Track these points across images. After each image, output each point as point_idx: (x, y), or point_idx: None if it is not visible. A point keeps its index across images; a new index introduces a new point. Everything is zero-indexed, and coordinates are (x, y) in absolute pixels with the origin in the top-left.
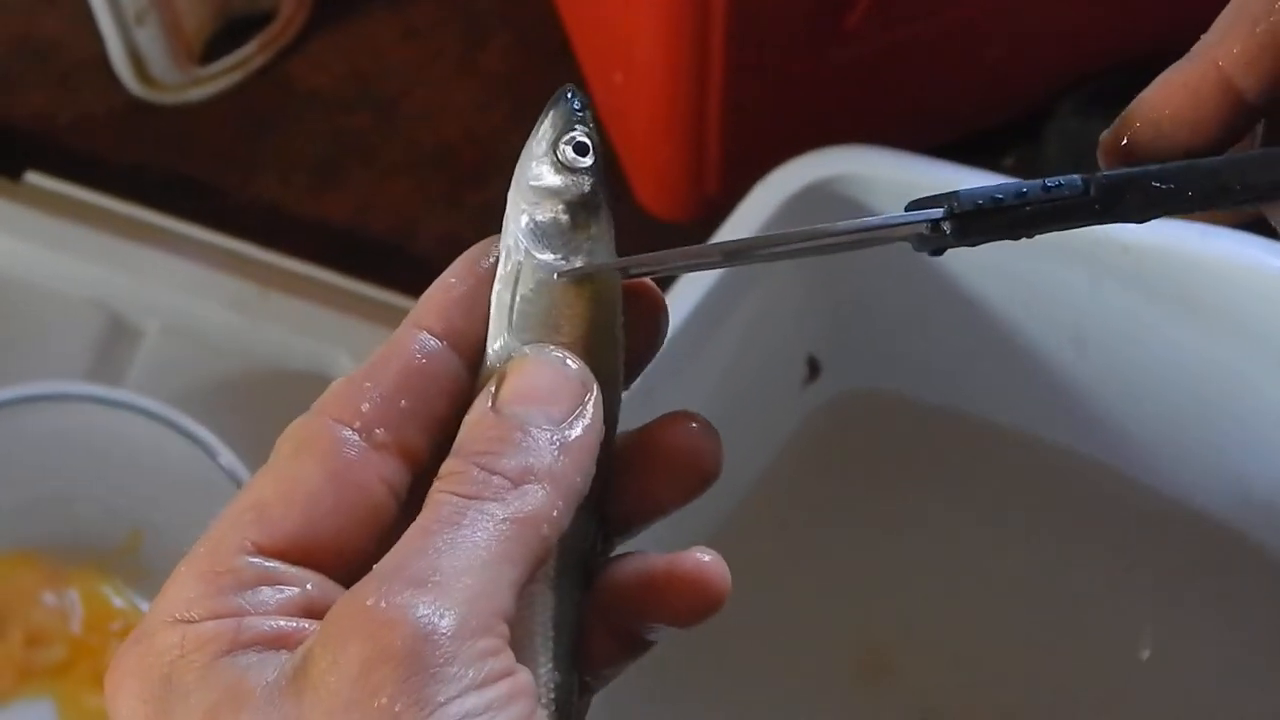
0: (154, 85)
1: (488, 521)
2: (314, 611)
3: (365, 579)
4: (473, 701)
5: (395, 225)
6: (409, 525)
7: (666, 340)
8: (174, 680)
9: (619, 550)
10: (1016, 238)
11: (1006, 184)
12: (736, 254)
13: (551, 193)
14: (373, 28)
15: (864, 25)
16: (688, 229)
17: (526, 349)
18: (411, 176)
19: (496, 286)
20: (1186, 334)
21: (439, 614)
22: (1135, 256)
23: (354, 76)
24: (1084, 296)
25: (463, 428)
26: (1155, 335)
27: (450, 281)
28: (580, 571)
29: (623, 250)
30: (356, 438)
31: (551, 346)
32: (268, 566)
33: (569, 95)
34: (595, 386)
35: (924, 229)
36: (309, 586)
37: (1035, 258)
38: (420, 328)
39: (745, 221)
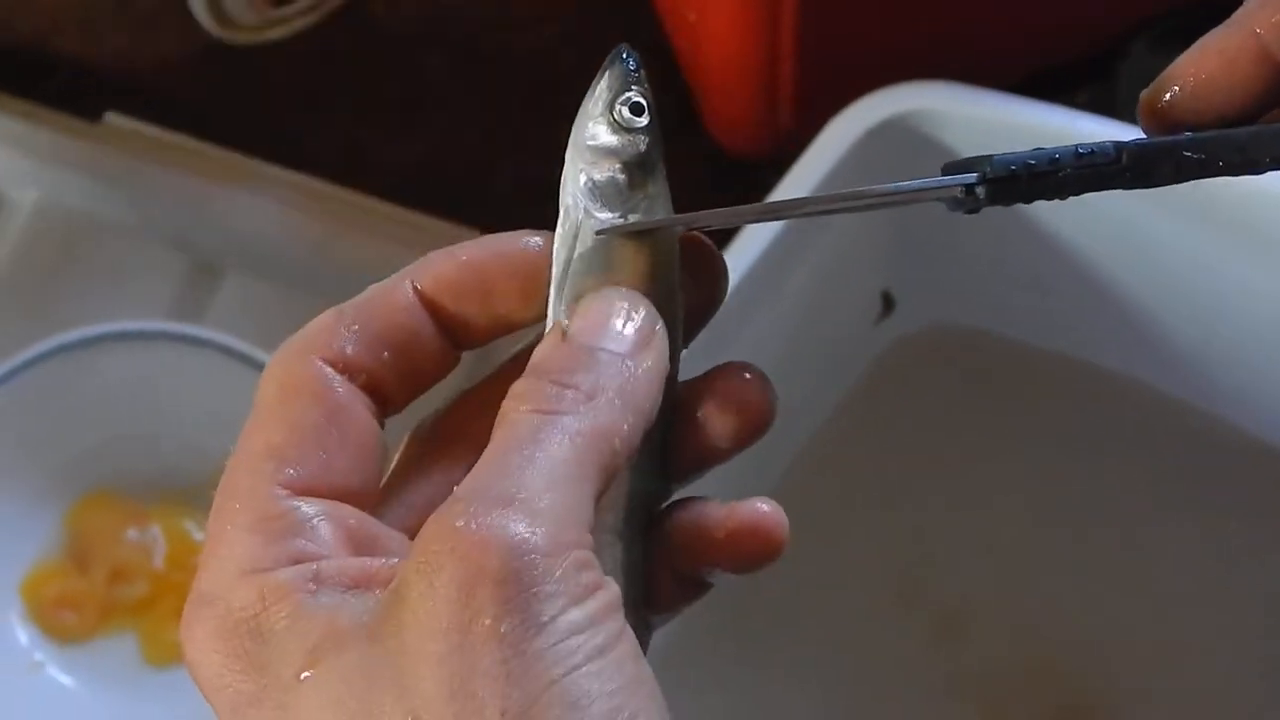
0: (232, 26)
1: (563, 436)
2: (362, 542)
3: (448, 501)
4: (576, 615)
5: (472, 165)
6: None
7: (742, 277)
8: (263, 632)
9: (678, 495)
10: (1052, 199)
11: (1039, 150)
12: (780, 213)
13: (608, 152)
14: None
15: None
16: (761, 164)
17: (605, 289)
18: (488, 117)
19: (555, 245)
20: (1262, 270)
21: (530, 530)
22: (1212, 195)
23: (431, 16)
24: (1160, 233)
25: (535, 354)
26: (1231, 269)
27: (460, 259)
28: (645, 516)
29: (695, 189)
30: (341, 378)
31: (624, 289)
32: (308, 506)
33: (624, 55)
34: (661, 325)
35: (958, 192)
36: (351, 521)
37: (1111, 193)
38: (413, 286)
39: (819, 158)
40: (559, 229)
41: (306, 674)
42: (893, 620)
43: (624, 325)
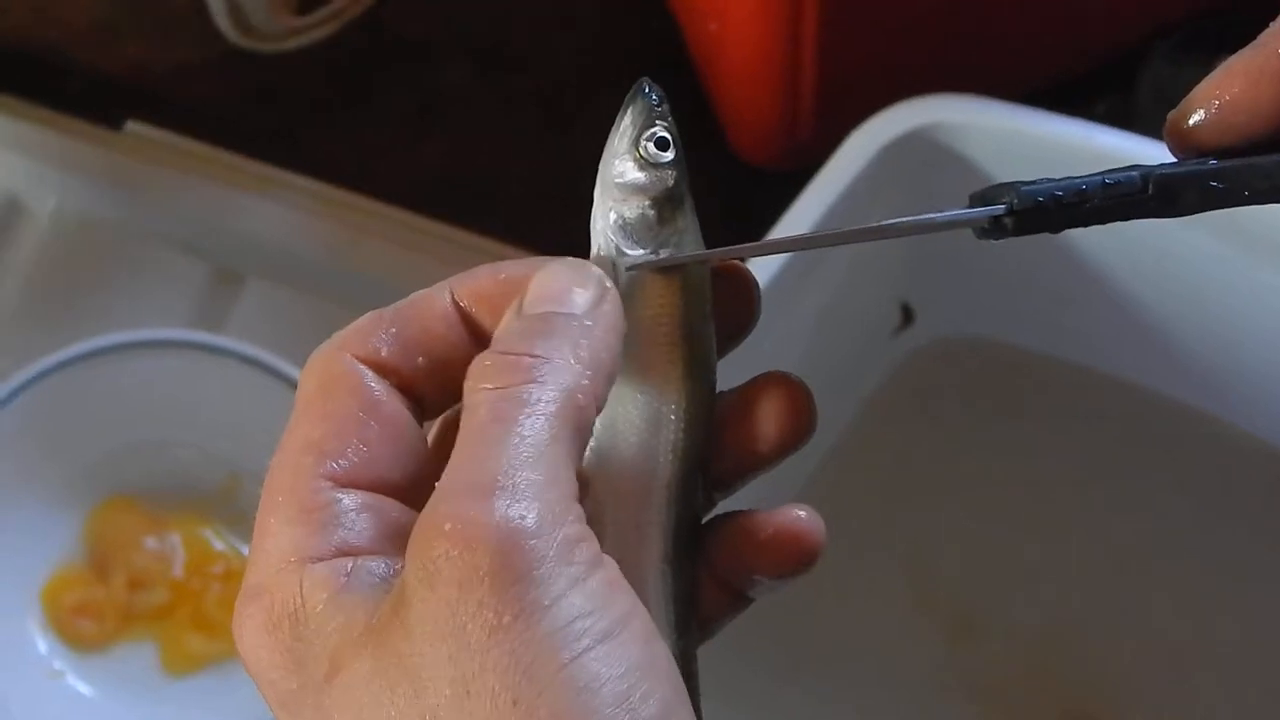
0: (252, 34)
1: (526, 408)
2: (402, 533)
3: (431, 500)
4: (578, 600)
5: (487, 172)
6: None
7: (763, 288)
8: (299, 626)
9: (720, 506)
10: (1079, 227)
11: (1067, 180)
12: (809, 245)
13: (637, 189)
14: None
15: None
16: (781, 176)
17: (550, 261)
18: (503, 125)
19: (595, 239)
20: None
21: (516, 515)
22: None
23: (448, 25)
24: (1179, 243)
25: (495, 334)
26: (1249, 282)
27: (499, 276)
28: (691, 537)
29: (714, 200)
30: (378, 377)
31: (566, 259)
32: (350, 498)
33: (646, 89)
34: (609, 281)
35: (986, 223)
36: (392, 513)
37: None
38: (451, 293)
39: (839, 170)
40: (597, 240)
41: (330, 681)
42: (908, 626)
43: (573, 289)
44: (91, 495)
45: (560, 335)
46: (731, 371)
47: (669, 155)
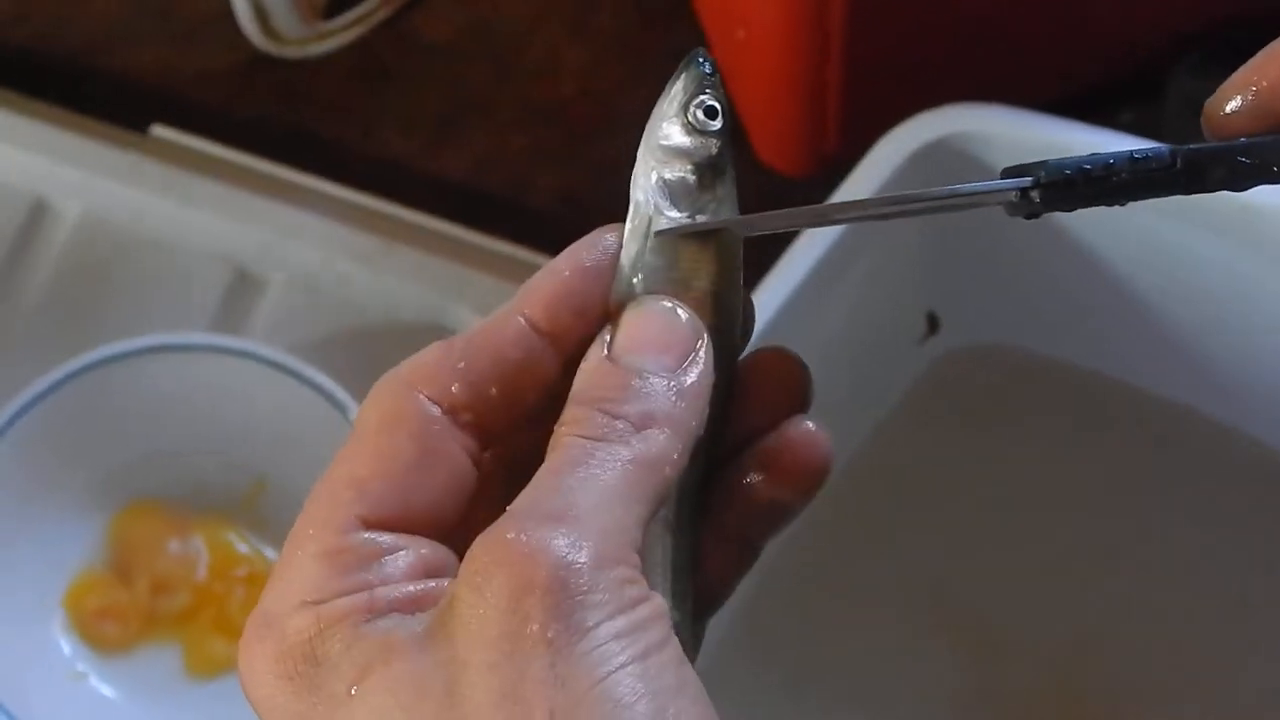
0: (278, 39)
1: (615, 462)
2: (433, 572)
3: (501, 519)
4: (621, 623)
5: (513, 179)
6: (489, 490)
7: (788, 296)
8: (318, 654)
9: None
10: (1108, 204)
11: (1095, 155)
12: (837, 215)
13: (681, 153)
14: None
15: None
16: (807, 185)
17: (640, 298)
18: (529, 131)
19: (625, 239)
20: None
21: (577, 546)
22: (1254, 215)
23: (474, 31)
24: (1205, 256)
25: (580, 375)
26: (1273, 294)
27: (563, 273)
28: (694, 509)
29: (740, 207)
30: (444, 416)
31: (664, 297)
32: (380, 539)
33: (700, 59)
34: (705, 334)
35: (1014, 196)
36: (422, 551)
37: (1157, 215)
38: (523, 316)
39: (865, 179)
40: (628, 224)
41: (355, 689)
42: (927, 637)
43: (669, 339)
44: (115, 499)
45: (656, 402)
46: None
47: (716, 124)
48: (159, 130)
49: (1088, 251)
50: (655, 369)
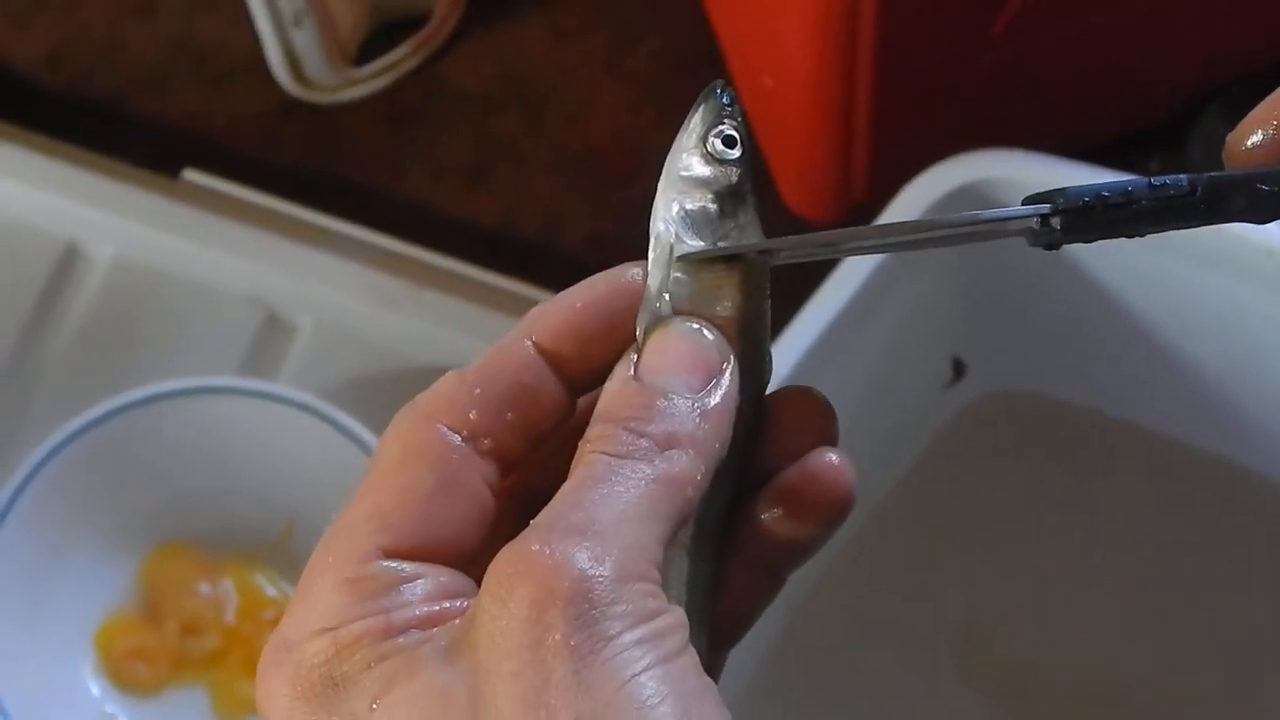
0: (309, 85)
1: (638, 479)
2: (452, 598)
3: (525, 531)
4: (641, 631)
5: (543, 224)
6: (504, 517)
7: (814, 341)
8: (335, 676)
9: None
10: (1129, 235)
11: (1113, 182)
12: (859, 240)
13: (701, 183)
14: (523, 30)
15: (1011, 29)
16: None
17: (667, 320)
18: (559, 177)
19: (648, 267)
20: None
21: (600, 559)
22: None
23: (504, 78)
24: (1232, 302)
25: (605, 393)
26: None
27: (575, 305)
28: (715, 535)
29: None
30: (463, 444)
31: (691, 318)
32: (400, 568)
33: (718, 90)
34: (731, 357)
35: (1034, 224)
36: (442, 579)
37: (1182, 261)
38: (532, 342)
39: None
40: (650, 254)
41: (377, 704)
42: (955, 682)
43: (695, 360)
44: (145, 541)
45: (680, 422)
46: None
47: (735, 153)
48: (190, 174)
49: (1114, 298)
50: (680, 390)
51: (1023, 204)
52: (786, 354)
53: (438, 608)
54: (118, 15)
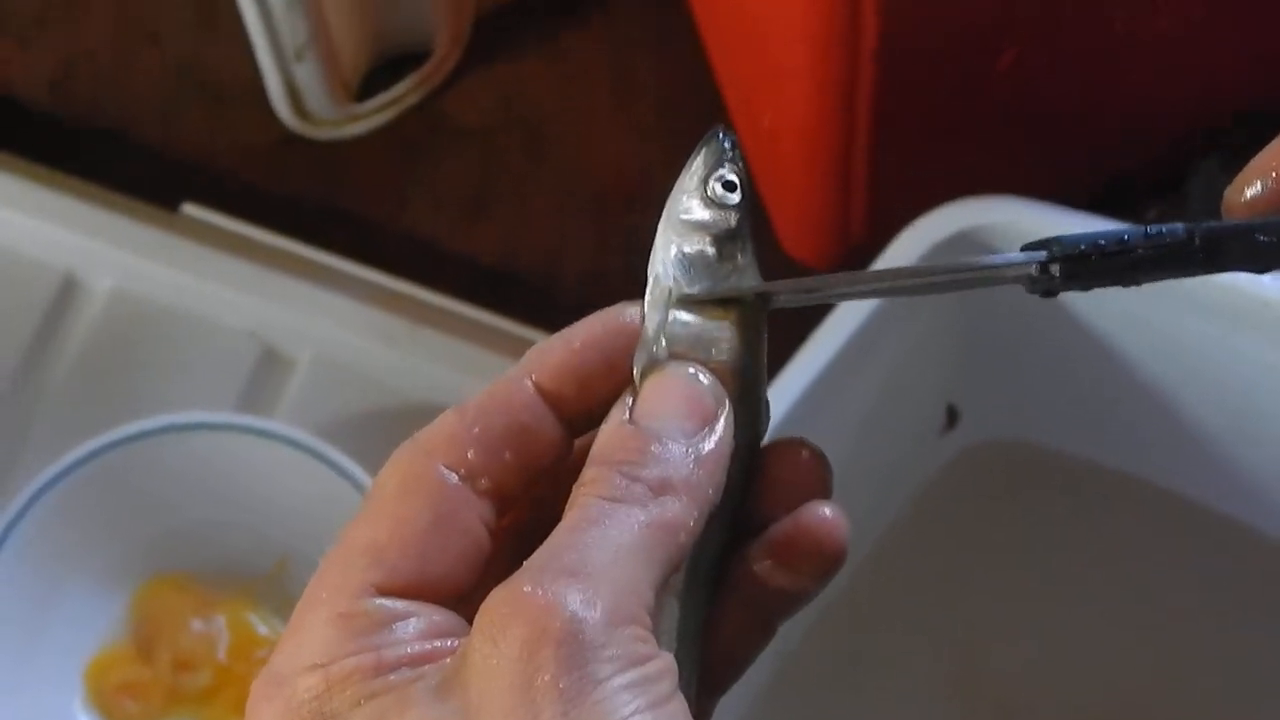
0: (310, 120)
1: (631, 523)
2: (443, 635)
3: (518, 572)
4: (632, 675)
5: (543, 261)
6: (499, 556)
7: (808, 386)
8: (326, 712)
9: None
10: (1127, 284)
11: (1109, 230)
12: (855, 285)
13: (699, 226)
14: (525, 67)
15: (1011, 74)
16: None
17: (663, 364)
18: (560, 213)
19: (645, 309)
20: None
21: (591, 602)
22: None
23: (505, 114)
24: (1228, 353)
25: (601, 436)
26: None
27: (574, 344)
28: (708, 581)
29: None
30: (461, 482)
31: (687, 363)
32: (393, 605)
33: (720, 134)
34: (726, 401)
35: (1033, 270)
36: (434, 618)
37: (1179, 312)
38: (532, 382)
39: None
40: (648, 296)
41: None
42: None
43: (690, 405)
44: (139, 575)
45: (675, 467)
46: None
47: (735, 197)
48: (190, 208)
49: (1109, 347)
50: (675, 434)
51: (1020, 251)
52: (782, 397)
53: (429, 646)
54: (121, 43)
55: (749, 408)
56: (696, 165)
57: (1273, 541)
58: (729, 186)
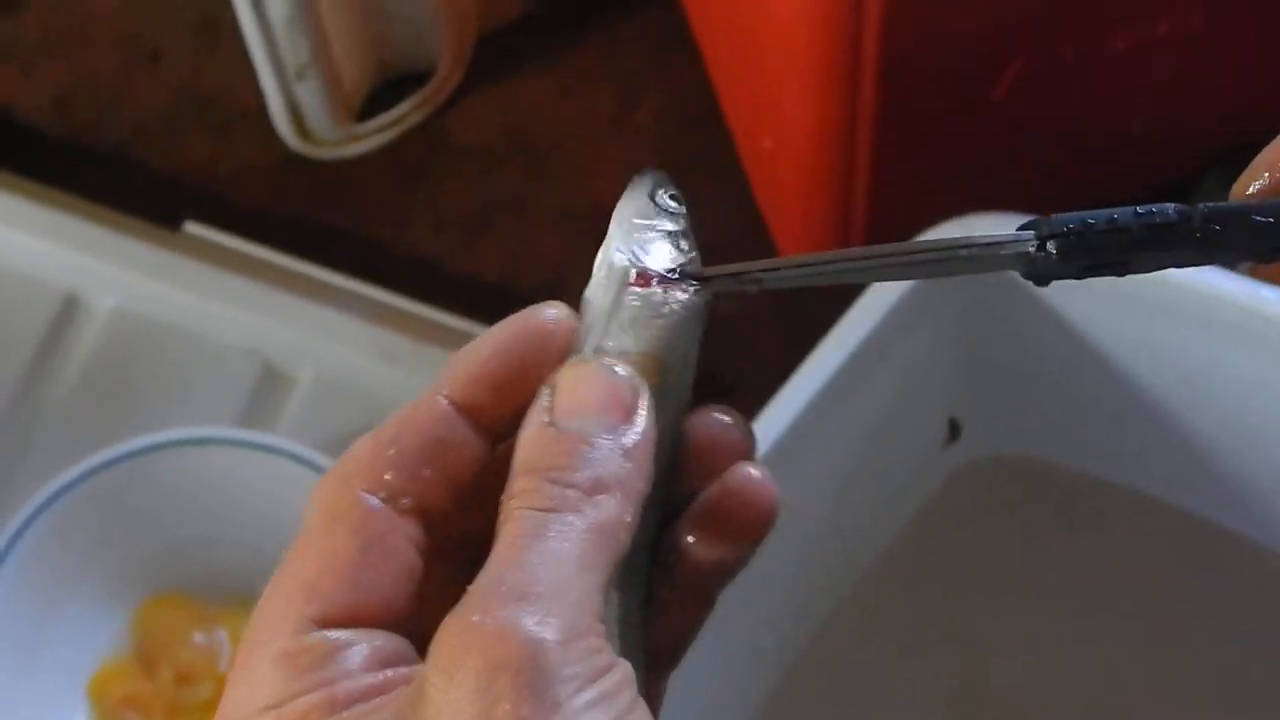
0: (312, 140)
1: (570, 532)
2: (390, 663)
3: (465, 599)
4: (592, 693)
5: (544, 281)
6: (436, 571)
7: (810, 399)
8: None
9: None
10: (1120, 273)
11: (1099, 210)
12: (833, 265)
13: (645, 227)
14: (526, 87)
15: (1010, 95)
16: (833, 290)
17: (575, 359)
18: (561, 233)
19: (587, 294)
20: None
21: (544, 623)
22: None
23: (507, 134)
24: (1229, 367)
25: (522, 442)
26: None
27: (484, 354)
28: (644, 566)
29: (764, 311)
30: (384, 506)
31: (600, 356)
32: (335, 635)
33: (651, 170)
34: (645, 391)
35: (1030, 247)
36: (377, 643)
37: (1179, 327)
38: (444, 397)
39: (889, 285)
40: (593, 279)
41: None
42: None
43: (609, 399)
44: (141, 589)
45: (602, 465)
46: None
47: (681, 208)
48: (191, 227)
49: (1112, 363)
50: (599, 431)
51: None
52: (782, 413)
53: (380, 678)
54: (123, 64)
55: (673, 393)
56: (639, 187)
57: (1273, 554)
58: (673, 197)
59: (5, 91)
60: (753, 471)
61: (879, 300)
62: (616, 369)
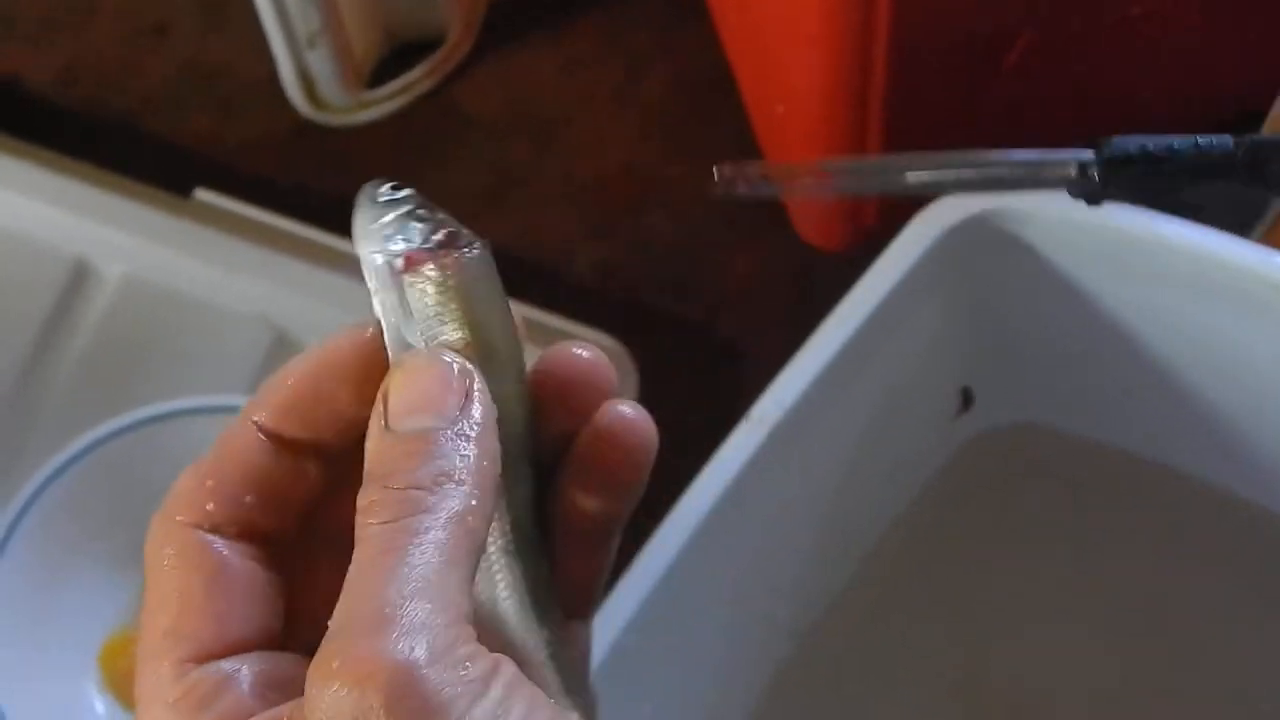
0: (322, 107)
1: (418, 538)
2: (275, 683)
3: (324, 642)
4: (483, 709)
5: (551, 251)
6: (309, 579)
7: (823, 369)
8: None
9: None
10: (1165, 191)
11: (1159, 137)
12: (871, 171)
13: (390, 221)
14: (535, 57)
15: (1022, 62)
16: (844, 259)
17: (399, 359)
18: (568, 204)
19: (375, 310)
20: None
21: (407, 648)
22: None
23: (515, 104)
24: (1244, 336)
25: (366, 455)
26: None
27: (288, 382)
28: (534, 524)
29: (780, 283)
30: (215, 536)
31: (421, 350)
32: (215, 667)
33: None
34: (474, 371)
35: (1072, 171)
36: (258, 667)
37: (1190, 296)
38: (255, 422)
39: (902, 254)
40: (375, 300)
41: None
42: (958, 714)
43: (439, 389)
44: None
45: (442, 455)
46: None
47: (403, 192)
48: (202, 194)
49: (1123, 332)
50: (433, 424)
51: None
52: (794, 383)
53: (273, 715)
54: (131, 36)
55: (504, 360)
56: (361, 201)
57: None
58: (394, 187)
59: (14, 64)
60: (624, 410)
61: (890, 271)
62: (442, 357)
